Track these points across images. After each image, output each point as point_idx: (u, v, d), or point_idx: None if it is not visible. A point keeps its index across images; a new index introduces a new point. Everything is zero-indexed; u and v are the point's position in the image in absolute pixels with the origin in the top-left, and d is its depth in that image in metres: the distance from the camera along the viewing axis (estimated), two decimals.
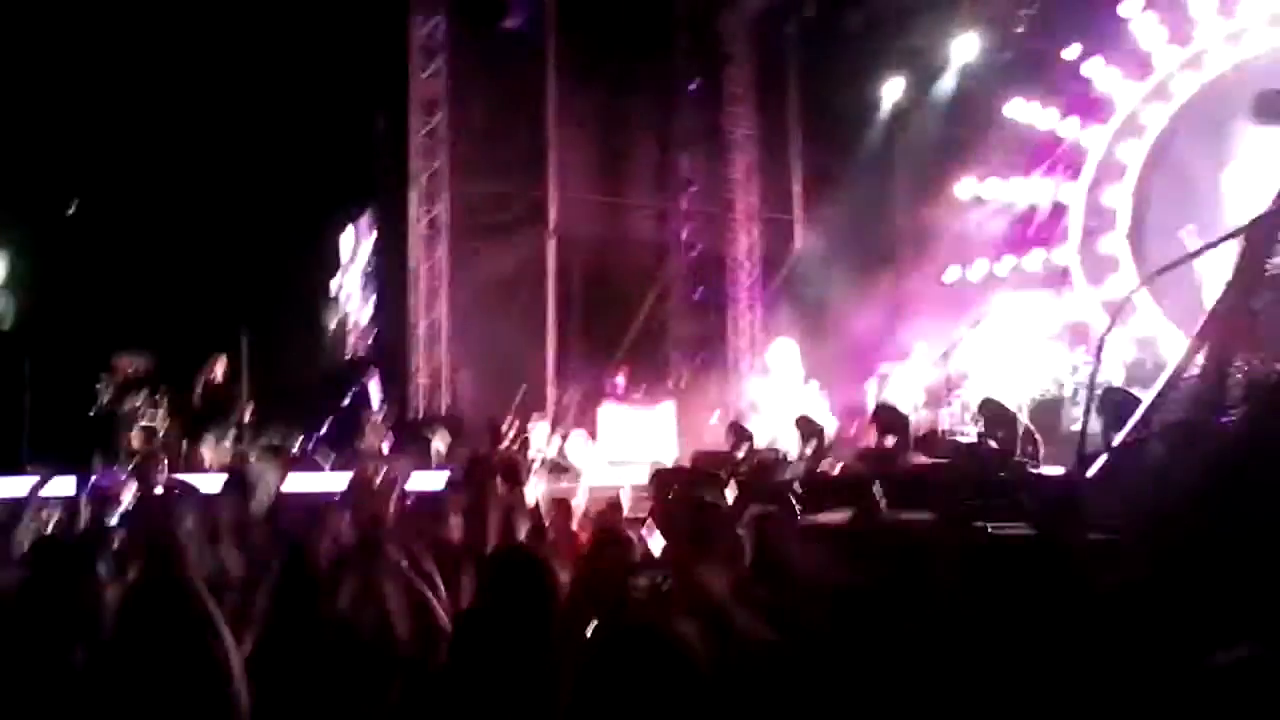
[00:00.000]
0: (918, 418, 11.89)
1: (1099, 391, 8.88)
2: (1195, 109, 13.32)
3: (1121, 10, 13.32)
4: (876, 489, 7.30)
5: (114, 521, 6.00)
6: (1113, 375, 10.46)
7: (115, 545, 5.16)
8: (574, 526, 6.93)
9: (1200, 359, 6.04)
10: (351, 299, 18.02)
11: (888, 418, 9.38)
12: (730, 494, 7.57)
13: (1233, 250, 5.91)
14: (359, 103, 16.39)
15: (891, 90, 16.62)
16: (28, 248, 17.83)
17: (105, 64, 15.41)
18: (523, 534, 5.68)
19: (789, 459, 10.19)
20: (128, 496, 6.36)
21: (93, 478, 7.05)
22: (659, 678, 2.32)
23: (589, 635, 2.43)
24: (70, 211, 16.77)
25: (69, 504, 6.53)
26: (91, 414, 12.60)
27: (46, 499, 6.44)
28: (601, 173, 16.84)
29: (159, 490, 6.17)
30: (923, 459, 8.84)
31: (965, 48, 15.51)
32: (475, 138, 15.67)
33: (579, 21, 15.78)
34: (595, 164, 16.78)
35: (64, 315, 16.09)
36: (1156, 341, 12.24)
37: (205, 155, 16.51)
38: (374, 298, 17.17)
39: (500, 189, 16.02)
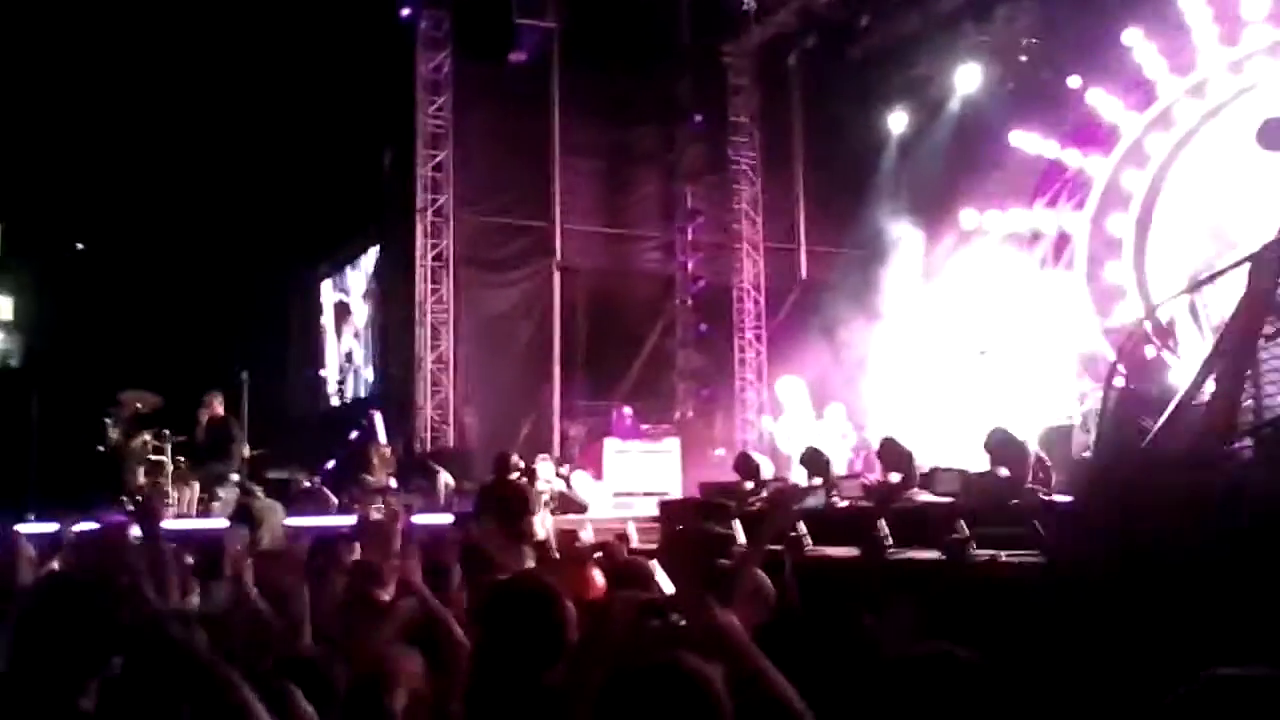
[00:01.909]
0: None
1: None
2: (1198, 136, 13.31)
3: (1124, 39, 13.36)
4: (882, 526, 7.27)
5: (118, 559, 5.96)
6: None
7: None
8: (584, 561, 6.87)
9: (1209, 387, 6.02)
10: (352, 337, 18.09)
11: (892, 453, 9.31)
12: (739, 527, 7.51)
13: (1239, 279, 5.90)
14: (366, 139, 16.49)
15: (895, 120, 16.63)
16: (34, 288, 17.98)
17: (114, 105, 15.55)
18: (531, 565, 5.64)
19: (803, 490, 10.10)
20: (134, 533, 6.33)
21: (98, 514, 7.03)
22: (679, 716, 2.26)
23: (604, 675, 2.35)
24: (78, 249, 16.85)
25: (71, 542, 6.51)
26: (100, 450, 12.60)
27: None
28: (607, 205, 16.89)
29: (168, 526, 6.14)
30: (928, 496, 8.79)
31: (968, 78, 15.53)
32: (481, 171, 15.73)
33: (583, 55, 15.86)
34: (600, 196, 16.83)
35: (69, 354, 16.16)
36: (1165, 369, 12.17)
37: (211, 193, 16.63)
38: (379, 334, 17.21)
39: (505, 221, 16.08)
